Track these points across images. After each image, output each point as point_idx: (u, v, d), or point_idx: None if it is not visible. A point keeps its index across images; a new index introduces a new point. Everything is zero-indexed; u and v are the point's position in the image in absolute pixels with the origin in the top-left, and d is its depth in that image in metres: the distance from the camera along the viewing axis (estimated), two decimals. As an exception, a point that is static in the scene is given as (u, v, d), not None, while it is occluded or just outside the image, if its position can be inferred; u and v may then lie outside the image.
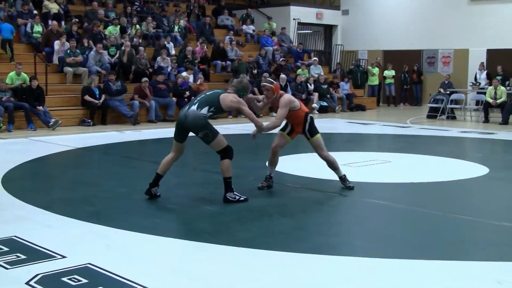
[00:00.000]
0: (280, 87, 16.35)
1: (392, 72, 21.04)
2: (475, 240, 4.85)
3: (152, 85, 14.50)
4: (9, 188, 6.51)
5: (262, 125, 6.06)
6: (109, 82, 13.85)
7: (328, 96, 18.15)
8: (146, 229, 4.91)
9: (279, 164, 6.65)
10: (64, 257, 4.15)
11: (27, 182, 7.20)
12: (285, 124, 6.54)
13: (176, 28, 18.23)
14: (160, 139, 10.99)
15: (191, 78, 15.75)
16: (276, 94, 6.31)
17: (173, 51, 16.88)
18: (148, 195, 6.02)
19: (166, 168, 6.04)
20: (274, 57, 18.93)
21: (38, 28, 15.33)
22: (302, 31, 23.26)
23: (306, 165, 8.04)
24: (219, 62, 17.66)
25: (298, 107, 6.33)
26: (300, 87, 17.65)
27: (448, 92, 17.62)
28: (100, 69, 14.75)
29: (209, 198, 6.14)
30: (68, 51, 14.40)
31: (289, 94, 6.65)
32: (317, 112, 17.43)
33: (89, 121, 13.28)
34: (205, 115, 5.74)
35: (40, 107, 12.58)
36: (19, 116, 12.38)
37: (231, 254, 4.36)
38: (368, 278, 3.88)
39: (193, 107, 5.79)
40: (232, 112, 14.85)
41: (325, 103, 17.96)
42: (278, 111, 6.21)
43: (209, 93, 5.94)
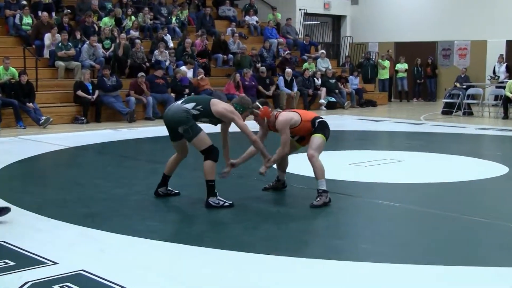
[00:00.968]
0: (286, 82, 16.75)
1: (405, 66, 21.01)
2: (491, 244, 4.83)
3: (149, 80, 14.49)
4: (-3, 190, 6.51)
5: (267, 155, 6.03)
6: (104, 77, 13.85)
7: (337, 92, 18.12)
8: (144, 233, 4.91)
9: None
10: (56, 264, 4.15)
11: (17, 184, 7.21)
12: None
13: (174, 19, 18.20)
14: (158, 138, 10.97)
15: (190, 73, 15.70)
16: (267, 118, 6.08)
17: (171, 44, 16.88)
18: (156, 195, 6.16)
19: (172, 168, 6.14)
20: (279, 50, 18.91)
21: (28, 20, 15.34)
22: (309, 22, 23.26)
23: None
24: (221, 56, 17.61)
25: (299, 122, 6.05)
26: (308, 82, 17.64)
27: (465, 87, 17.58)
28: (94, 63, 14.75)
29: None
30: (60, 44, 14.40)
31: (285, 112, 6.20)
32: (325, 109, 17.42)
33: (83, 119, 13.29)
34: (188, 110, 5.69)
35: (30, 104, 12.57)
36: (8, 114, 12.39)
37: (234, 259, 4.35)
38: (377, 286, 3.88)
39: (178, 102, 5.86)
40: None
41: (333, 99, 17.91)
42: (281, 138, 6.04)
43: (202, 95, 5.94)
